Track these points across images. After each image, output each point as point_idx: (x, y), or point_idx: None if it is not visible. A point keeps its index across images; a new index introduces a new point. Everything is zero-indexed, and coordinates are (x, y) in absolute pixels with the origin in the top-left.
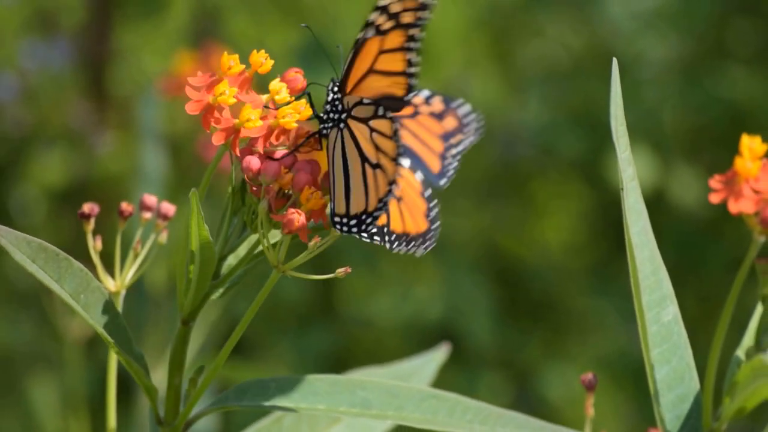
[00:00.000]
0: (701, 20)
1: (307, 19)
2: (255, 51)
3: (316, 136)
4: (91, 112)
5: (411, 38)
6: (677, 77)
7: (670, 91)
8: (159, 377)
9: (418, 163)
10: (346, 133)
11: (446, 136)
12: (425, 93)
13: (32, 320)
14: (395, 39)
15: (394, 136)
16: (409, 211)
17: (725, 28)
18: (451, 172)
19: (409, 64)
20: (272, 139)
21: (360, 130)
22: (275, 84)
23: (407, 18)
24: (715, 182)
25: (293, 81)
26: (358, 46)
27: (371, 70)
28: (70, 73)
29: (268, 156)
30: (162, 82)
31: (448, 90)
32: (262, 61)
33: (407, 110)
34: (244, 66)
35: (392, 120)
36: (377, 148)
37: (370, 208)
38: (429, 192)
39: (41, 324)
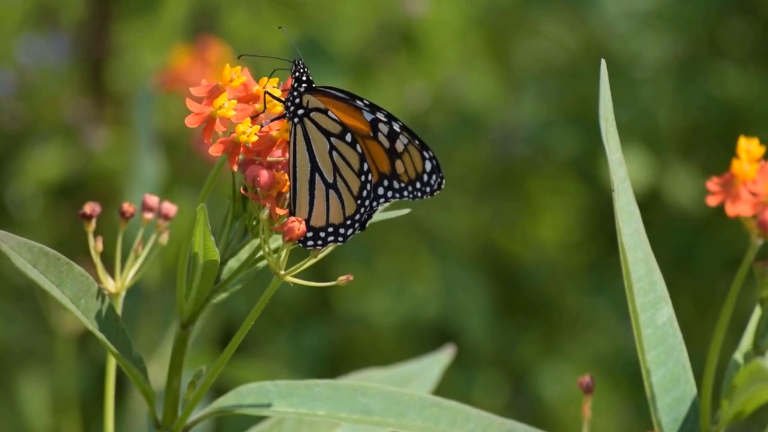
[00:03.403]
0: (696, 20)
1: (304, 17)
2: (252, 48)
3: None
4: (88, 107)
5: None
6: (672, 76)
7: (665, 90)
8: (152, 373)
9: None
10: (299, 129)
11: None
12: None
13: (27, 315)
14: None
15: (361, 173)
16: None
17: (720, 27)
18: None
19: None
20: (275, 150)
21: (318, 138)
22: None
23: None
24: (712, 185)
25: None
26: None
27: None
28: (67, 69)
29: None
30: (157, 77)
31: (444, 88)
32: (271, 87)
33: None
34: (245, 78)
35: (363, 156)
36: (336, 170)
37: (314, 224)
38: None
39: (35, 319)
